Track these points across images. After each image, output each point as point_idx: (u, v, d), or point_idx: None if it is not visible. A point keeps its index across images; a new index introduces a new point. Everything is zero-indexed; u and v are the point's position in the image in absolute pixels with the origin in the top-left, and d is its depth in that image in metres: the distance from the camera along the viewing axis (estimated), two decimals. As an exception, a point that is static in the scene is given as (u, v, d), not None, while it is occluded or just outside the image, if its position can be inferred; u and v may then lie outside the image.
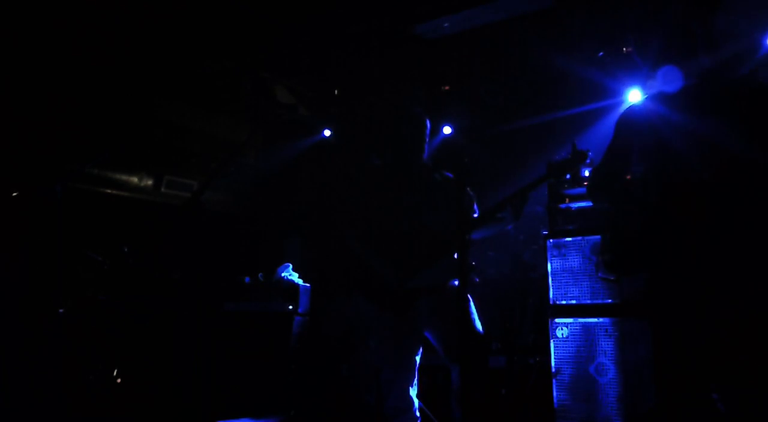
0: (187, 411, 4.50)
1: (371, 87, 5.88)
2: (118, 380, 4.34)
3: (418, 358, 3.02)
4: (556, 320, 3.75)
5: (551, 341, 3.74)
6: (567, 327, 3.71)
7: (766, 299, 2.10)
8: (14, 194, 3.66)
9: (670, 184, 2.29)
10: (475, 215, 3.08)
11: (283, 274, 5.31)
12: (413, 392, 3.00)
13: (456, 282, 2.94)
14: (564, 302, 3.75)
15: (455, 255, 2.85)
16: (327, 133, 6.39)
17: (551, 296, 3.80)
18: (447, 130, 5.95)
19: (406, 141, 3.13)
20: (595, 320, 3.64)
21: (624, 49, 4.91)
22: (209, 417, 4.53)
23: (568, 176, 2.80)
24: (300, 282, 5.27)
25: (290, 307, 5.11)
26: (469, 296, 2.93)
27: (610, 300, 3.61)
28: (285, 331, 5.05)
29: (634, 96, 4.99)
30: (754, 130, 2.20)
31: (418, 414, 3.01)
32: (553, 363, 3.71)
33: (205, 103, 6.02)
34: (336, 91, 6.12)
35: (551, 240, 3.86)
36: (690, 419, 2.19)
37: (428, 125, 3.20)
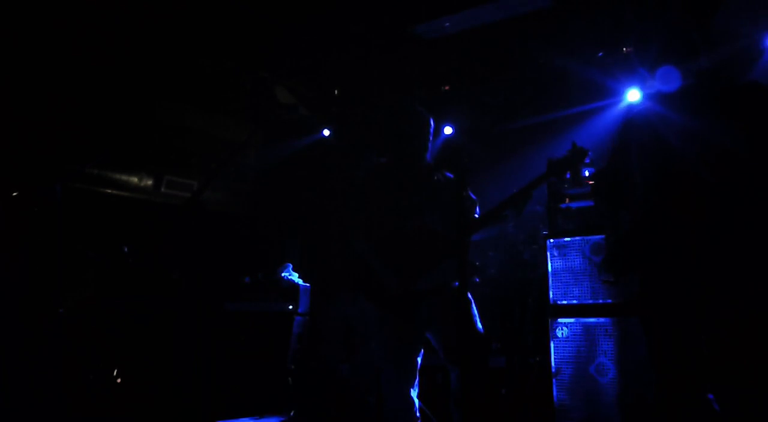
0: (187, 411, 4.50)
1: (371, 87, 5.88)
2: (118, 380, 4.34)
3: (419, 359, 3.02)
4: (557, 320, 3.75)
5: (551, 341, 3.74)
6: (567, 327, 3.71)
7: (764, 299, 2.10)
8: (14, 194, 3.66)
9: (670, 183, 2.29)
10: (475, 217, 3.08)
11: (283, 274, 5.31)
12: (414, 393, 2.99)
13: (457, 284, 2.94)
14: (564, 302, 3.75)
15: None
16: (326, 132, 6.40)
17: (551, 296, 3.80)
18: (448, 130, 5.96)
19: (409, 140, 3.11)
20: (595, 320, 3.64)
21: (624, 49, 4.92)
22: (209, 417, 4.53)
23: (568, 175, 2.80)
24: (300, 282, 5.27)
25: (290, 307, 5.11)
26: (470, 297, 2.93)
27: (610, 300, 3.61)
28: (285, 331, 5.05)
29: (633, 96, 5.00)
30: (753, 130, 2.21)
31: (418, 414, 3.01)
32: (553, 363, 3.71)
33: (205, 103, 6.02)
34: (336, 91, 6.12)
35: (551, 240, 3.85)
36: (688, 419, 2.19)
37: (432, 124, 3.19)
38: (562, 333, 3.72)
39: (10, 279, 3.66)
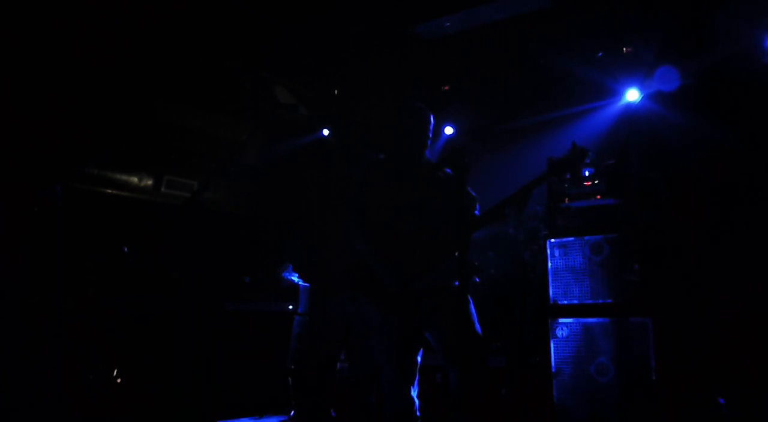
0: (187, 411, 4.50)
1: (371, 87, 5.88)
2: (118, 380, 4.34)
3: (419, 359, 3.02)
4: (557, 320, 3.75)
5: (551, 341, 3.74)
6: (567, 326, 3.71)
7: (764, 299, 2.11)
8: (14, 194, 3.67)
9: (670, 183, 2.30)
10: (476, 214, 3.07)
11: (283, 274, 5.31)
12: (414, 392, 2.99)
13: (457, 284, 2.94)
14: (565, 302, 3.75)
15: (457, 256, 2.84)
16: (326, 132, 6.40)
17: (551, 296, 3.80)
18: (449, 130, 5.97)
19: (409, 135, 3.10)
20: (595, 320, 3.64)
21: (624, 49, 4.92)
22: (209, 417, 4.53)
23: (568, 175, 2.80)
24: (300, 282, 5.27)
25: (290, 307, 5.11)
26: (469, 297, 2.93)
27: (610, 300, 3.60)
28: (285, 331, 5.06)
29: (632, 95, 4.99)
30: (752, 129, 2.21)
31: (419, 414, 3.00)
32: (553, 363, 3.71)
33: (205, 103, 6.03)
34: (336, 91, 6.12)
35: (551, 240, 3.86)
36: (690, 419, 2.20)
37: (432, 120, 3.18)
38: (562, 333, 3.72)
39: (10, 279, 3.66)
